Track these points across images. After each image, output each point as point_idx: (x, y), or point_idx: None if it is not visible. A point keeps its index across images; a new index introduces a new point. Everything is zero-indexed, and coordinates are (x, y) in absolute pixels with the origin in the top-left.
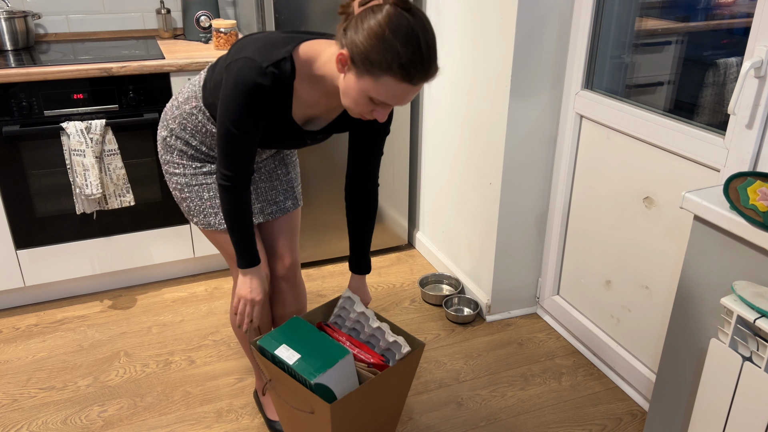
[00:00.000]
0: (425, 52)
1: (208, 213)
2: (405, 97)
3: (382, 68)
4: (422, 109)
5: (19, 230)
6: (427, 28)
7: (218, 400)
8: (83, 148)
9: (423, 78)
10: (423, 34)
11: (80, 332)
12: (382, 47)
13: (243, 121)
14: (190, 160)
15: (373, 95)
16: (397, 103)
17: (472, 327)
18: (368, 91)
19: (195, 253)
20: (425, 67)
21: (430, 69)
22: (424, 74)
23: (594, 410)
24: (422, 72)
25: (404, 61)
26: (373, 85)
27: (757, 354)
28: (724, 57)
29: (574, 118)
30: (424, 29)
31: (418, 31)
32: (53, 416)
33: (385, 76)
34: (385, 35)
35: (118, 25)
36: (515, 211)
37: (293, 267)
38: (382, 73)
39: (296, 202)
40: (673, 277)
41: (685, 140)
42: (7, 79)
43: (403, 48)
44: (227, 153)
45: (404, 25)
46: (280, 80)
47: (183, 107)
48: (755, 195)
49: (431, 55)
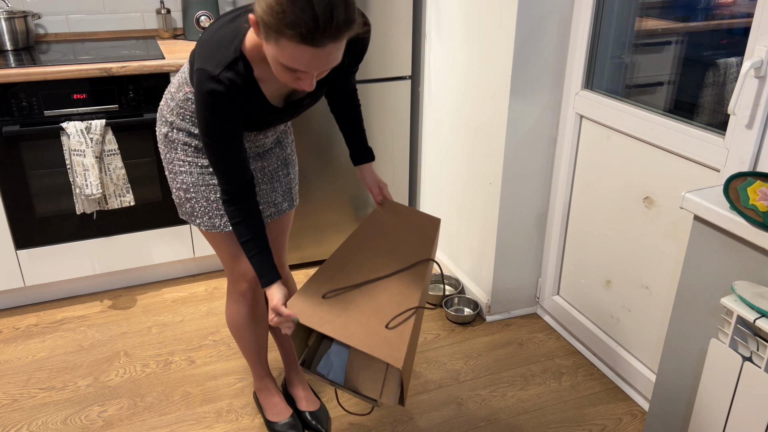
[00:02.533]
0: (319, 10)
1: (213, 215)
2: (315, 60)
3: (275, 31)
4: (422, 109)
5: (19, 230)
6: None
7: (218, 400)
8: (83, 148)
9: (324, 37)
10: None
11: (80, 332)
12: (271, 8)
13: (214, 131)
14: (196, 154)
15: (282, 61)
16: (311, 67)
17: (472, 327)
18: (277, 57)
19: (195, 253)
20: (321, 26)
21: (329, 27)
22: (322, 33)
23: (594, 410)
24: (320, 31)
25: (291, 20)
26: (277, 51)
27: (757, 354)
28: (724, 57)
29: (574, 118)
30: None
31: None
32: (53, 416)
33: (282, 40)
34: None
35: (118, 25)
36: (515, 211)
37: (281, 265)
38: (279, 36)
39: (292, 203)
40: (673, 277)
41: (685, 140)
42: (7, 79)
43: (291, 7)
44: (216, 166)
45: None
46: (237, 82)
47: (177, 96)
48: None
49: (329, 11)
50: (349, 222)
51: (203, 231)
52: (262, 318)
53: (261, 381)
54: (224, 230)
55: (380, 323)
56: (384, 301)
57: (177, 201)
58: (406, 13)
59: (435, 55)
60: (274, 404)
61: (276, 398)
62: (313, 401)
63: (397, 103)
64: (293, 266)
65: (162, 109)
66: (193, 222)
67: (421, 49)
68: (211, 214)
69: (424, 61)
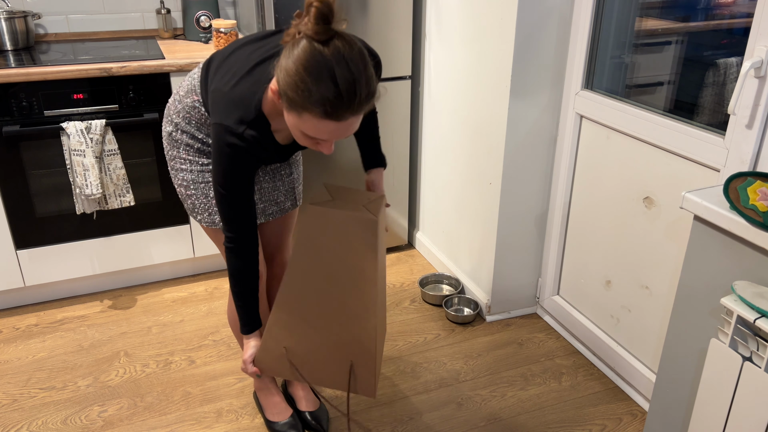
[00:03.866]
0: (343, 87)
1: (213, 211)
2: (335, 131)
3: (300, 106)
4: (422, 109)
5: (19, 230)
6: (347, 60)
7: (218, 400)
8: (83, 148)
9: (347, 112)
10: (341, 68)
11: (80, 332)
12: (296, 85)
13: (229, 181)
14: (197, 155)
15: (302, 130)
16: (332, 137)
17: (472, 327)
18: (298, 126)
19: (195, 253)
20: (345, 102)
21: (353, 103)
22: (346, 109)
23: (594, 410)
24: (343, 107)
25: (317, 99)
26: (299, 121)
27: (757, 354)
28: (724, 57)
29: (574, 118)
30: (341, 62)
31: (334, 65)
32: (53, 416)
33: (305, 113)
34: (297, 73)
35: (118, 25)
36: (515, 211)
37: (284, 265)
38: (302, 110)
39: (295, 202)
40: (673, 277)
41: (685, 140)
42: (7, 79)
43: (315, 86)
44: (224, 213)
45: (317, 61)
46: (257, 137)
47: (185, 101)
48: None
49: (352, 89)
50: None
51: (204, 227)
52: (262, 316)
53: (261, 381)
54: None
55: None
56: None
57: (180, 197)
58: (406, 13)
59: (435, 55)
60: (274, 404)
61: (276, 398)
62: (313, 401)
63: (397, 103)
64: None
65: (169, 107)
66: (194, 217)
67: (421, 49)
68: (210, 210)
69: (424, 61)
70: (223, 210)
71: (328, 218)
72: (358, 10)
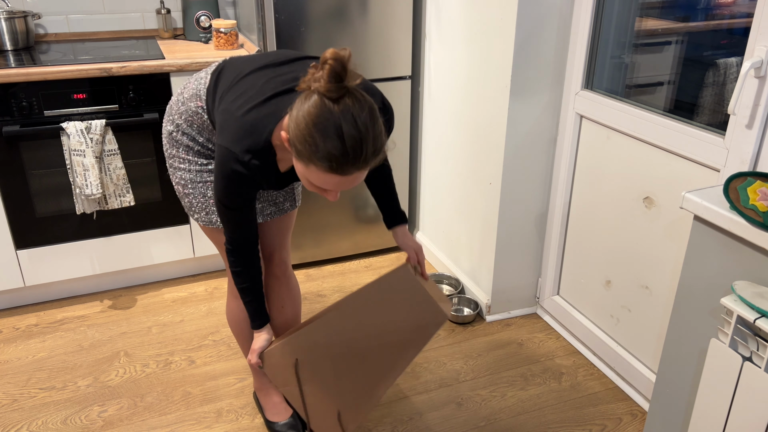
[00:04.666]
0: (349, 145)
1: (210, 211)
2: (341, 184)
3: (306, 158)
4: (422, 109)
5: (19, 230)
6: (356, 118)
7: (218, 400)
8: (83, 148)
9: (352, 168)
10: (348, 125)
11: (80, 332)
12: (304, 139)
13: (230, 201)
14: (197, 156)
15: (309, 179)
16: (337, 188)
17: (472, 327)
18: (304, 175)
19: (195, 253)
20: (351, 159)
21: (358, 160)
22: (351, 165)
23: (594, 410)
24: (349, 164)
25: (324, 155)
26: (306, 171)
27: (757, 354)
28: (724, 57)
29: (574, 118)
30: (349, 120)
31: (342, 123)
32: (53, 416)
33: (312, 165)
34: (306, 127)
35: (118, 25)
36: (515, 211)
37: (283, 264)
38: (308, 162)
39: (294, 203)
40: (673, 277)
41: (685, 140)
42: (7, 79)
43: (323, 142)
44: (224, 222)
45: (325, 117)
46: (261, 166)
47: (188, 104)
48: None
49: (359, 147)
50: (349, 222)
51: (201, 225)
52: None
53: (261, 380)
54: (221, 226)
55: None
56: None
57: (177, 195)
58: (406, 13)
59: (435, 55)
60: (274, 404)
61: (276, 398)
62: None
63: (397, 103)
64: (293, 266)
65: (171, 107)
66: (192, 216)
67: (421, 49)
68: (208, 210)
69: (424, 61)
70: (224, 218)
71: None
72: (358, 10)
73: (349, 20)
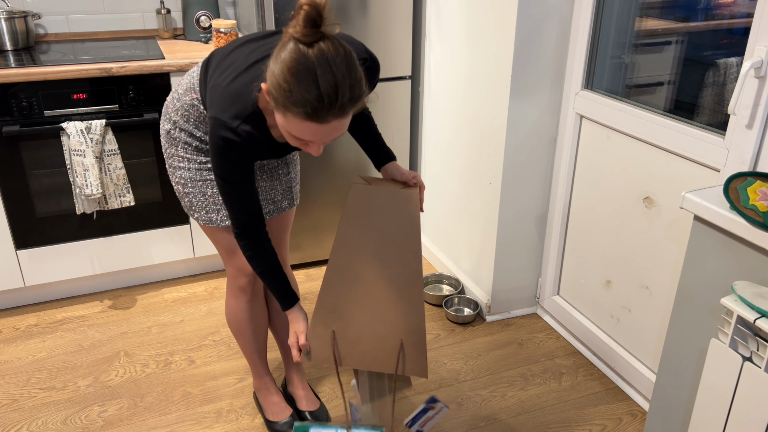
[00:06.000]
0: (324, 90)
1: (210, 209)
2: (319, 133)
3: (283, 106)
4: (422, 109)
5: (19, 230)
6: (330, 63)
7: (218, 400)
8: (83, 148)
9: (329, 115)
10: (322, 69)
11: (80, 332)
12: (279, 86)
13: (227, 173)
14: (195, 153)
15: (288, 131)
16: (317, 139)
17: (472, 327)
18: (284, 126)
19: (195, 253)
20: (326, 105)
21: (333, 106)
22: (327, 111)
23: (594, 410)
24: (324, 109)
25: (298, 100)
26: (284, 121)
27: (757, 354)
28: (724, 57)
29: (574, 118)
30: (323, 65)
31: (316, 67)
32: (53, 416)
33: (288, 114)
34: (281, 73)
35: (118, 25)
36: (515, 211)
37: (282, 263)
38: (285, 110)
39: (292, 201)
40: (673, 277)
41: (685, 140)
42: (7, 79)
43: (297, 87)
44: (227, 202)
45: (300, 62)
46: (253, 132)
47: (183, 99)
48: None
49: (334, 92)
50: None
51: (201, 225)
52: (261, 314)
53: (260, 380)
54: (221, 225)
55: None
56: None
57: (177, 195)
58: (406, 13)
59: (435, 55)
60: (273, 404)
61: (275, 398)
62: (313, 401)
63: (397, 103)
64: (293, 266)
65: (168, 105)
66: (192, 215)
67: (421, 49)
68: (208, 208)
69: (424, 61)
70: (225, 200)
71: (374, 194)
72: (358, 10)
73: (349, 20)
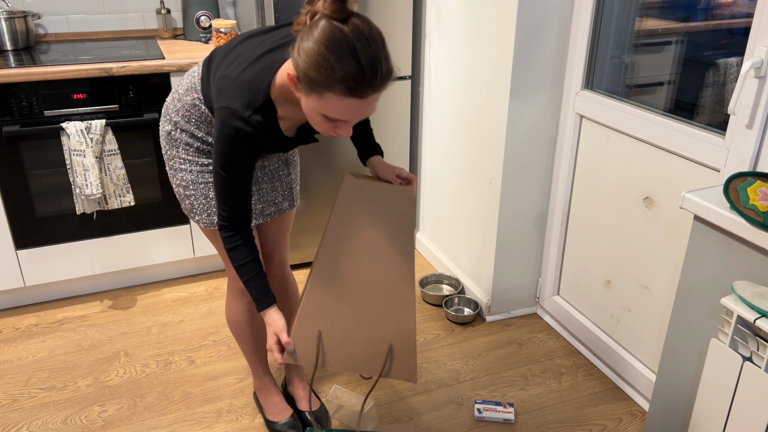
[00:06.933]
0: (365, 63)
1: (212, 212)
2: (357, 110)
3: (322, 86)
4: (422, 109)
5: (19, 230)
6: (367, 37)
7: (218, 400)
8: (83, 148)
9: (369, 89)
10: (361, 44)
11: (80, 332)
12: (318, 65)
13: (231, 164)
14: (197, 154)
15: (324, 112)
16: (353, 118)
17: (472, 327)
18: (319, 109)
19: (195, 253)
20: (368, 79)
21: (375, 79)
22: (368, 86)
23: (594, 410)
24: (366, 84)
25: (341, 76)
26: (320, 103)
27: (757, 354)
28: (724, 57)
29: (574, 118)
30: (362, 39)
31: (354, 42)
32: (53, 416)
33: (328, 93)
34: (320, 52)
35: (118, 25)
36: (515, 211)
37: (282, 264)
38: (325, 90)
39: (292, 203)
40: (673, 277)
41: (685, 140)
42: (7, 79)
43: (338, 63)
44: (220, 193)
45: (338, 38)
46: (264, 123)
47: (184, 99)
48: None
49: (374, 65)
50: None
51: (202, 227)
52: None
53: (260, 380)
54: None
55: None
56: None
57: (178, 197)
58: (406, 13)
59: (435, 55)
60: (273, 404)
61: (276, 398)
62: (313, 401)
63: (397, 103)
64: (293, 266)
65: (168, 106)
66: (192, 218)
67: (421, 49)
68: (209, 211)
69: (424, 61)
70: (220, 191)
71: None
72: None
73: None
